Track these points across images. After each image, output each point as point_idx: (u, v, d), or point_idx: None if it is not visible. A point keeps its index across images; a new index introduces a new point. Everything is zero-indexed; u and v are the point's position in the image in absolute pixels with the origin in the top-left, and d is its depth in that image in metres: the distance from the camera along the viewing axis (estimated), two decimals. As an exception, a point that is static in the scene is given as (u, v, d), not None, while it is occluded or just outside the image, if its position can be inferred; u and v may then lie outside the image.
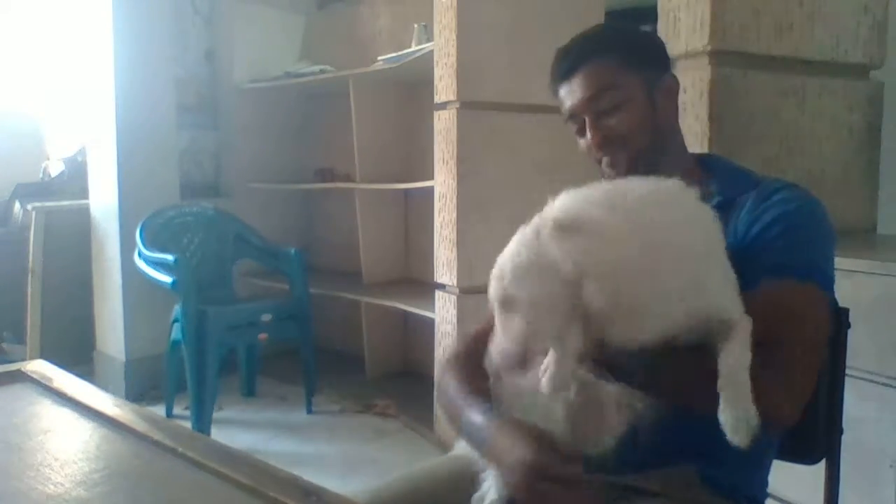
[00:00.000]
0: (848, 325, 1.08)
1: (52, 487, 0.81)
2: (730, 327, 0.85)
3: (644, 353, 0.85)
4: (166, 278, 2.82)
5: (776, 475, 1.09)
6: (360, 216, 3.51)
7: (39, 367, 1.22)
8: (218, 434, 2.80)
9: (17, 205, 3.85)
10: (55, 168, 4.09)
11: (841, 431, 1.09)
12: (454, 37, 2.53)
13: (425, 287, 3.01)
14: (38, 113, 4.34)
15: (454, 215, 2.61)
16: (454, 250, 2.62)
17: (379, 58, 3.16)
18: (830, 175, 1.94)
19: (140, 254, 3.00)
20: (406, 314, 3.37)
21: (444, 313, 2.69)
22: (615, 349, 0.85)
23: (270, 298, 3.44)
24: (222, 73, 3.95)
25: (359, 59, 3.48)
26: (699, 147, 1.72)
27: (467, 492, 1.02)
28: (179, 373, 2.91)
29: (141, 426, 0.97)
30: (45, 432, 0.99)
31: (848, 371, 1.10)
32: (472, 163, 2.61)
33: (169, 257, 2.81)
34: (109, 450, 0.95)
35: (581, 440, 0.91)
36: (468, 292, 2.62)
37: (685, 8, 1.77)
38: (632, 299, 0.82)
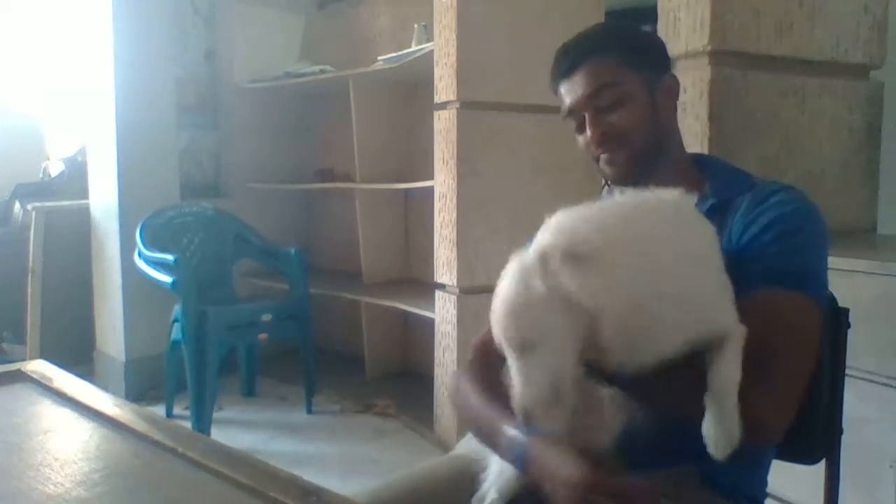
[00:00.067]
0: (848, 325, 1.08)
1: (52, 487, 0.81)
2: (723, 338, 0.85)
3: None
4: (166, 278, 2.82)
5: (776, 475, 1.09)
6: (360, 216, 3.51)
7: (39, 367, 1.22)
8: (218, 434, 2.80)
9: (17, 205, 3.85)
10: (55, 168, 4.10)
11: (841, 431, 1.09)
12: (454, 37, 2.53)
13: (425, 287, 3.01)
14: (38, 113, 4.34)
15: (454, 215, 2.61)
16: (454, 250, 2.62)
17: (379, 58, 3.16)
18: (830, 175, 1.94)
19: (140, 254, 3.00)
20: (406, 314, 3.37)
21: (444, 313, 2.69)
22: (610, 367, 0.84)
23: (270, 298, 3.44)
24: (222, 73, 3.95)
25: (359, 59, 3.48)
26: (699, 147, 1.72)
27: (467, 491, 1.02)
28: (179, 373, 2.91)
29: (141, 426, 0.97)
30: (45, 432, 1.00)
31: (848, 371, 1.10)
32: (472, 163, 2.61)
33: (169, 257, 2.81)
34: (109, 450, 0.95)
35: (581, 440, 0.91)
36: (468, 292, 2.63)
37: (685, 8, 1.77)
38: (643, 330, 0.82)
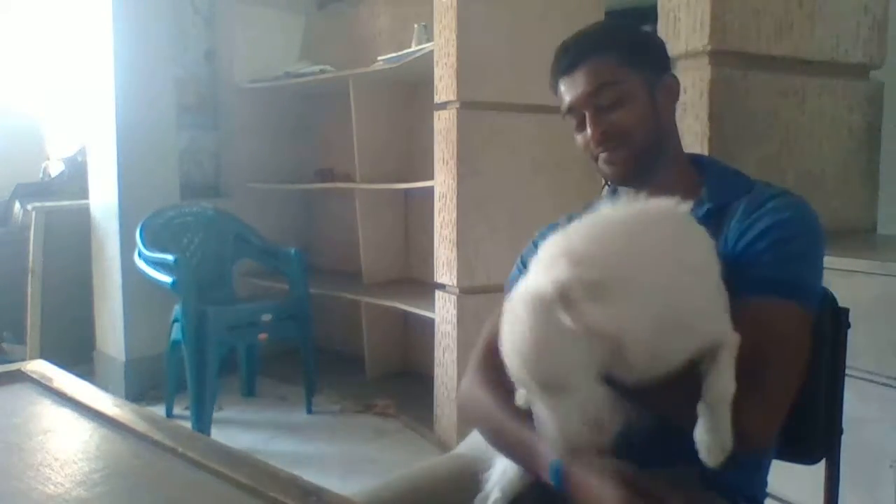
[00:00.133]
0: (848, 325, 1.08)
1: (52, 487, 0.81)
2: (719, 346, 0.85)
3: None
4: (166, 278, 2.82)
5: (776, 475, 1.09)
6: (360, 216, 3.51)
7: (39, 367, 1.22)
8: (218, 434, 2.80)
9: (17, 205, 3.85)
10: (55, 168, 4.10)
11: (841, 431, 1.09)
12: (454, 37, 2.53)
13: (425, 287, 3.01)
14: (38, 113, 4.34)
15: (454, 215, 2.61)
16: (454, 250, 2.62)
17: (379, 58, 3.16)
18: (830, 175, 1.94)
19: (140, 254, 3.00)
20: (406, 314, 3.37)
21: (444, 313, 2.69)
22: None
23: (270, 298, 3.44)
24: (222, 73, 3.95)
25: (359, 59, 3.48)
26: (699, 147, 1.72)
27: (467, 491, 1.02)
28: (179, 373, 2.91)
29: (141, 426, 0.97)
30: (45, 432, 1.00)
31: (848, 371, 1.09)
32: (472, 163, 2.61)
33: (169, 257, 2.81)
34: (109, 450, 0.95)
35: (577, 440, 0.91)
36: (468, 292, 2.63)
37: (685, 8, 1.77)
38: (662, 347, 0.83)
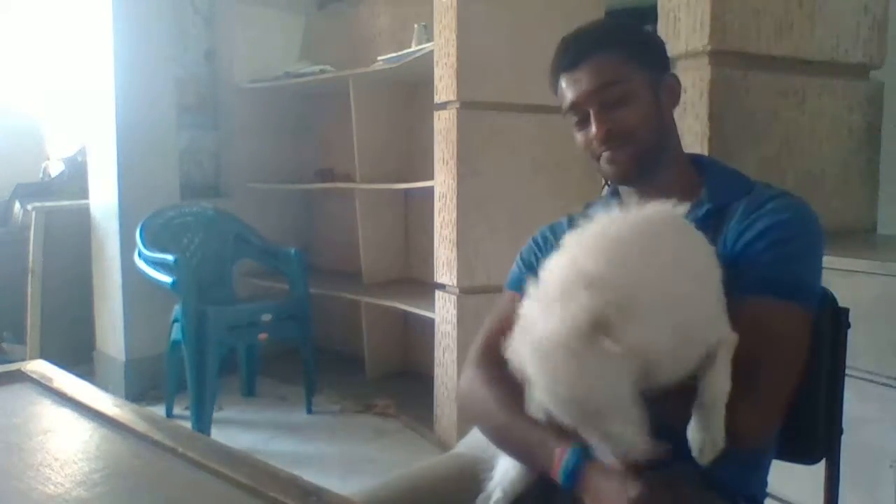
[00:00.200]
0: (848, 325, 1.08)
1: (52, 487, 0.81)
2: (716, 347, 0.86)
3: None
4: (166, 278, 2.82)
5: (776, 475, 1.09)
6: (360, 216, 3.51)
7: (39, 367, 1.22)
8: (218, 434, 2.80)
9: (17, 205, 3.85)
10: (55, 168, 4.10)
11: (841, 431, 1.09)
12: (454, 37, 2.53)
13: (425, 287, 3.01)
14: (38, 113, 4.34)
15: (454, 215, 2.61)
16: (454, 250, 2.62)
17: (379, 58, 3.16)
18: (830, 175, 1.94)
19: (140, 254, 3.00)
20: (406, 314, 3.37)
21: (444, 313, 2.69)
22: None
23: (270, 298, 3.44)
24: (222, 73, 3.95)
25: (359, 59, 3.48)
26: (699, 147, 1.72)
27: (467, 490, 1.02)
28: (179, 373, 2.91)
29: (141, 426, 0.97)
30: (45, 432, 0.99)
31: (848, 371, 1.09)
32: (472, 163, 2.61)
33: (169, 257, 2.81)
34: (109, 450, 0.95)
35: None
36: (468, 292, 2.63)
37: (685, 8, 1.77)
38: (686, 358, 0.84)
